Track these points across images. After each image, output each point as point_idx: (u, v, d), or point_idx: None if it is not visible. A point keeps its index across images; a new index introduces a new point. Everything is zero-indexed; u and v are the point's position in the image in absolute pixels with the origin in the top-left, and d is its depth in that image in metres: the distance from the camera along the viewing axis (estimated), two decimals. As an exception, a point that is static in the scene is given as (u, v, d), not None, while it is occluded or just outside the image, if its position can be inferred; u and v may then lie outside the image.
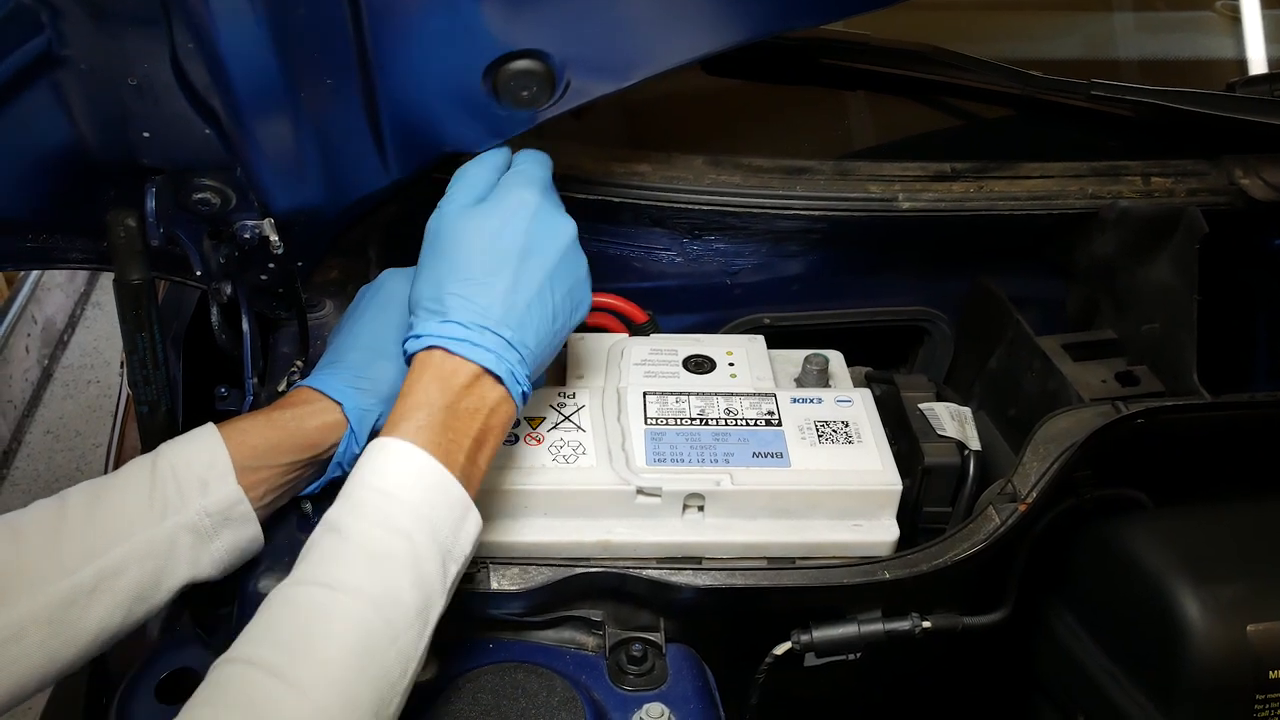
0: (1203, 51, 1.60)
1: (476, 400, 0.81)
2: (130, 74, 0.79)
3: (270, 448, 0.85)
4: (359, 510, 0.74)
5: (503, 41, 0.85)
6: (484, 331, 0.81)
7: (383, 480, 0.75)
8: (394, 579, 0.71)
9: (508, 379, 0.81)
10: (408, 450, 0.76)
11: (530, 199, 0.87)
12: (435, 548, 0.74)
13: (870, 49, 1.33)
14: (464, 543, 0.77)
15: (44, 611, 0.75)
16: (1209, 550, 0.97)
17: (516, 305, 0.83)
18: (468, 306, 0.81)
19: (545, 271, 0.85)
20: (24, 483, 2.80)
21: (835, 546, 0.96)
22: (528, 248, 0.85)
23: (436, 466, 0.76)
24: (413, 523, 0.74)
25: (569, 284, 0.87)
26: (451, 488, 0.77)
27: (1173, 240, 1.17)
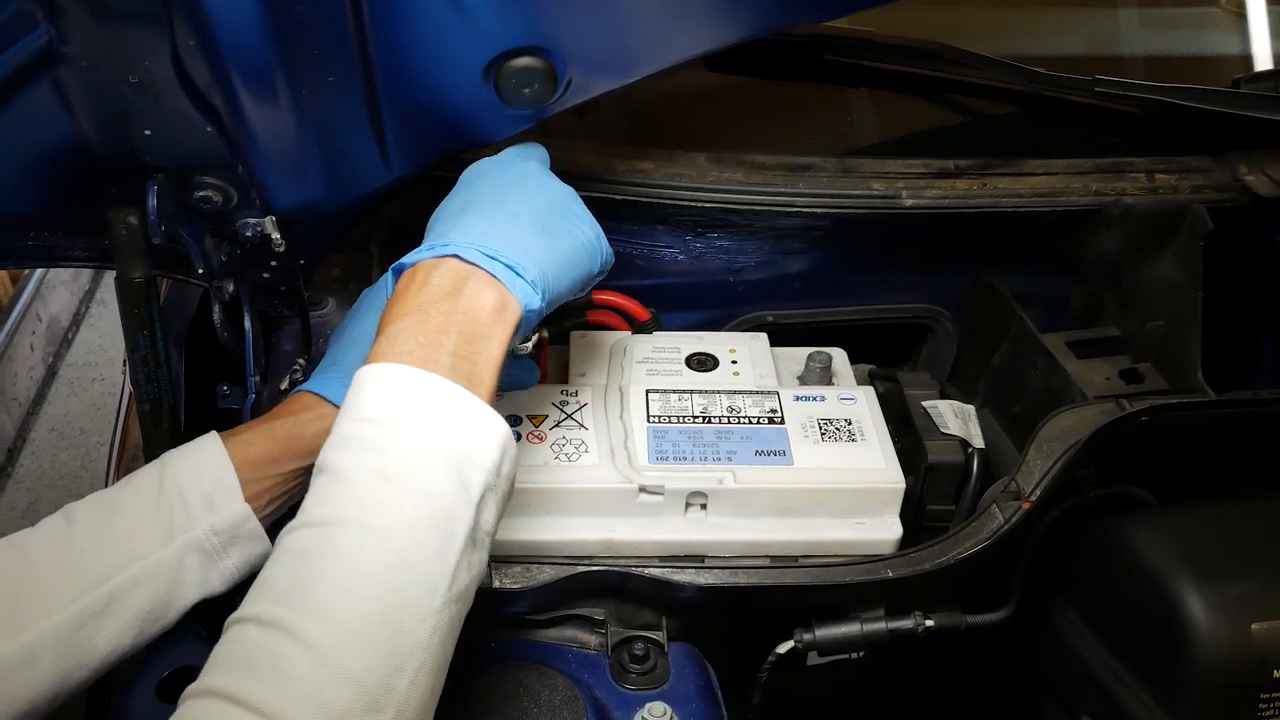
0: (1207, 48, 1.59)
1: (443, 291, 0.74)
2: (131, 71, 0.79)
3: (272, 458, 0.84)
4: (345, 443, 0.69)
5: (504, 38, 0.85)
6: (442, 238, 0.77)
7: (362, 408, 0.70)
8: (389, 500, 0.66)
9: (471, 255, 0.75)
10: (381, 369, 0.71)
11: (504, 158, 0.89)
12: (444, 460, 0.68)
13: (873, 46, 1.32)
14: (485, 446, 0.70)
15: (54, 636, 0.74)
16: (1213, 548, 0.97)
17: (483, 214, 0.80)
18: (439, 230, 0.80)
19: (509, 187, 0.84)
20: (28, 480, 2.80)
21: (838, 545, 0.96)
22: (485, 181, 0.85)
23: (417, 373, 0.70)
24: (404, 437, 0.68)
25: (540, 195, 0.85)
26: (445, 389, 0.70)
27: (1177, 237, 1.16)
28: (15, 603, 0.74)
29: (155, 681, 0.81)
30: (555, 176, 0.89)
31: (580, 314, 1.15)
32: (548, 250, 0.81)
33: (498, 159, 0.90)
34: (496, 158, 0.90)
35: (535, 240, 0.80)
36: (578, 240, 0.84)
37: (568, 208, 0.86)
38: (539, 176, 0.87)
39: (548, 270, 0.79)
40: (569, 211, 0.85)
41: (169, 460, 0.83)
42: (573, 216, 0.85)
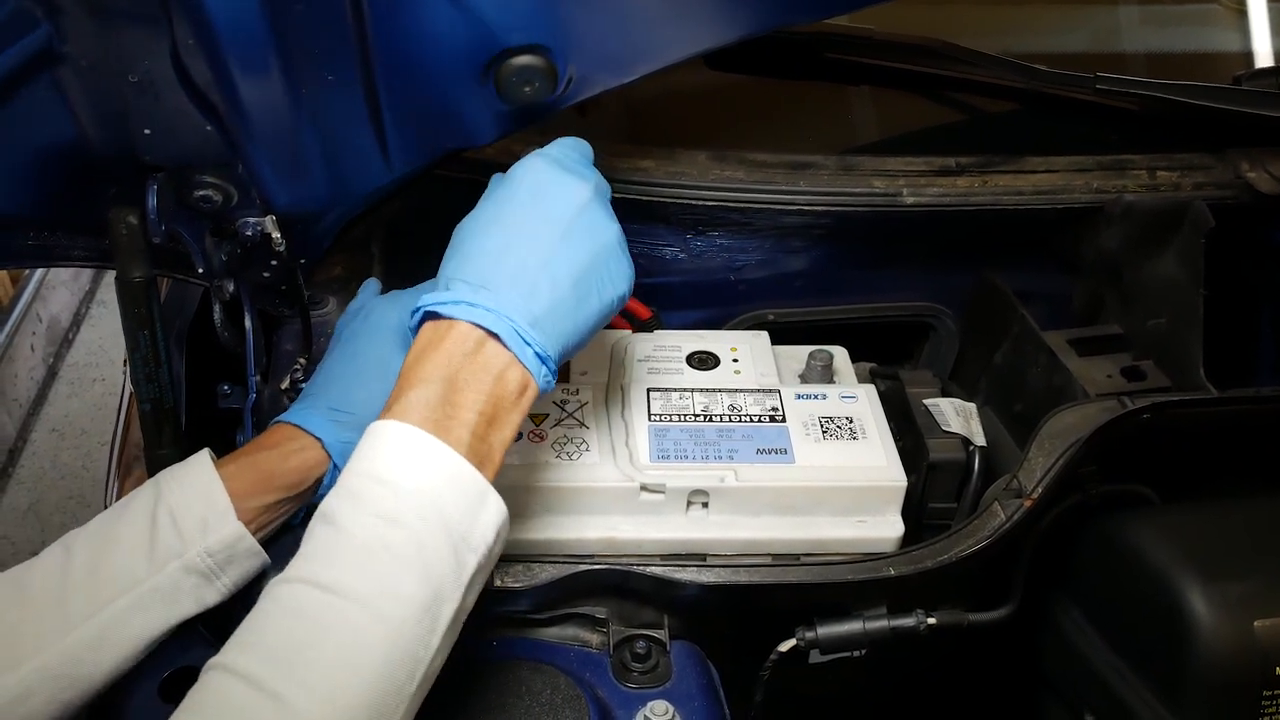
0: (1209, 45, 1.59)
1: (480, 369, 0.73)
2: (131, 70, 0.79)
3: (253, 491, 0.84)
4: (354, 499, 0.69)
5: (504, 36, 0.85)
6: (481, 290, 0.75)
7: (375, 465, 0.69)
8: (392, 575, 0.66)
9: (510, 339, 0.74)
10: (402, 430, 0.70)
11: (534, 166, 0.82)
12: (445, 537, 0.68)
13: (874, 43, 1.32)
14: (484, 530, 0.70)
15: (51, 669, 0.75)
16: (1216, 546, 0.96)
17: (523, 270, 0.76)
18: (468, 273, 0.76)
19: (551, 234, 0.78)
20: (29, 481, 2.80)
21: (840, 543, 0.96)
22: (529, 212, 0.79)
23: (437, 445, 0.70)
24: (414, 509, 0.68)
25: (585, 248, 0.79)
26: (460, 468, 0.70)
27: (1179, 235, 1.16)
28: (11, 641, 0.75)
29: (157, 682, 0.80)
30: (609, 211, 0.83)
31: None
32: (577, 323, 0.79)
33: (557, 175, 0.82)
34: (555, 171, 0.82)
35: (569, 313, 0.78)
36: (607, 304, 0.81)
37: (610, 260, 0.81)
38: (594, 216, 0.81)
39: (569, 347, 0.79)
40: (610, 266, 0.81)
41: (162, 483, 0.83)
42: (613, 273, 0.82)
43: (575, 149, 0.87)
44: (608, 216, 0.82)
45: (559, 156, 0.84)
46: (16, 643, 0.74)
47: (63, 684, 0.75)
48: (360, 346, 0.94)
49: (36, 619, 0.76)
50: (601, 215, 0.82)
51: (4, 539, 2.61)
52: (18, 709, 0.73)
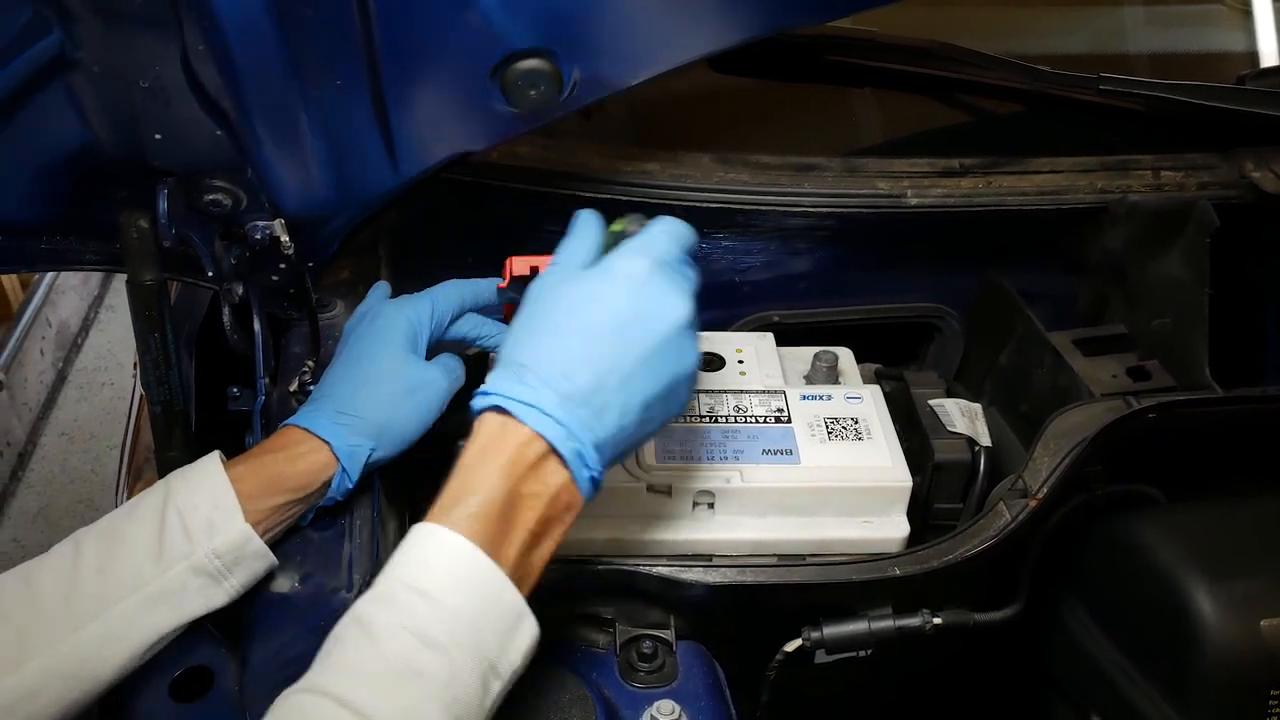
0: (1214, 45, 1.59)
1: (539, 485, 0.72)
2: (142, 76, 0.79)
3: (261, 493, 0.84)
4: (392, 610, 0.66)
5: (510, 40, 0.85)
6: (556, 402, 0.72)
7: (421, 578, 0.67)
8: (421, 702, 0.63)
9: (574, 463, 0.72)
10: (455, 544, 0.68)
11: (638, 270, 0.77)
12: (476, 664, 0.66)
13: (878, 45, 1.32)
14: (513, 656, 0.69)
15: (58, 668, 0.75)
16: (1222, 545, 0.97)
17: (601, 388, 0.73)
18: (548, 376, 0.73)
19: (638, 354, 0.75)
20: (39, 485, 2.81)
21: (845, 543, 0.96)
22: (623, 323, 0.75)
23: (488, 565, 0.68)
24: (452, 634, 0.65)
25: (665, 375, 0.76)
26: (504, 591, 0.68)
27: (1183, 234, 1.16)
28: (18, 636, 0.75)
29: (167, 682, 0.81)
30: (695, 334, 0.79)
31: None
32: (631, 445, 0.78)
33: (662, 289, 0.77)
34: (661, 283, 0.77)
35: (628, 437, 0.76)
36: (661, 426, 0.80)
37: (681, 389, 0.79)
38: (683, 342, 0.78)
39: (618, 457, 0.77)
40: (679, 394, 0.79)
41: (171, 484, 0.83)
42: (680, 399, 0.79)
43: (682, 241, 0.82)
44: (693, 341, 0.79)
45: (668, 258, 0.79)
46: (24, 641, 0.75)
47: (69, 683, 0.76)
48: (368, 350, 0.94)
49: (45, 617, 0.76)
50: (689, 342, 0.78)
51: (14, 542, 2.62)
52: (24, 707, 0.74)
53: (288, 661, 0.80)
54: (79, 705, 0.77)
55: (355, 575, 0.87)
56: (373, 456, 0.89)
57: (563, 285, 0.78)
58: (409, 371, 0.93)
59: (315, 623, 0.83)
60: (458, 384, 0.99)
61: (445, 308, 0.99)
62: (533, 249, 1.04)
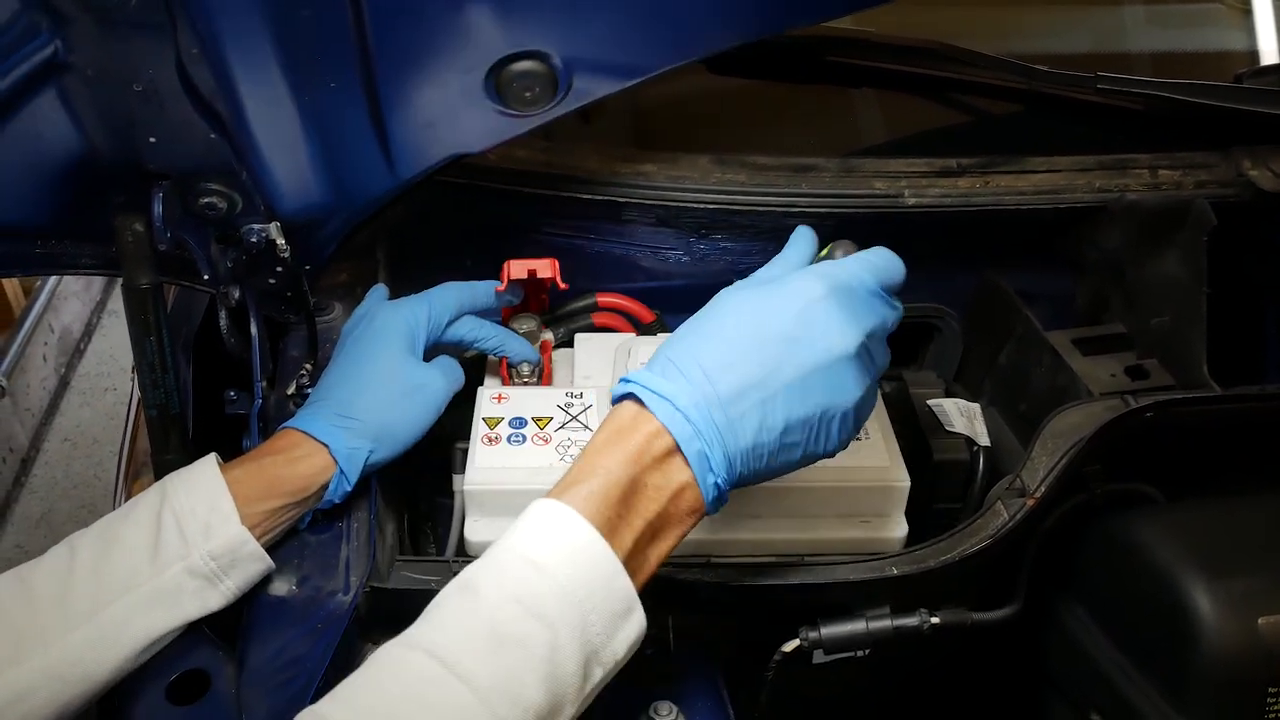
0: (1213, 44, 1.59)
1: (662, 478, 0.70)
2: (136, 80, 0.80)
3: (259, 495, 0.84)
4: (502, 575, 0.65)
5: (504, 43, 0.86)
6: (694, 404, 0.70)
7: (535, 548, 0.66)
8: (520, 672, 0.62)
9: (698, 465, 0.70)
10: (572, 519, 0.66)
11: (812, 290, 0.73)
12: (580, 644, 0.64)
13: (875, 45, 1.32)
14: (618, 646, 0.67)
15: (52, 669, 0.75)
16: (1220, 544, 0.96)
17: (743, 396, 0.71)
18: (692, 374, 0.71)
19: (790, 373, 0.71)
20: (42, 490, 2.82)
21: (844, 544, 0.96)
22: (780, 338, 0.72)
23: (603, 547, 0.66)
24: (560, 609, 0.64)
25: (817, 403, 0.72)
26: (616, 576, 0.66)
27: (1181, 233, 1.16)
28: (12, 637, 0.75)
29: (164, 685, 0.81)
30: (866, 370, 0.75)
31: (585, 317, 1.16)
32: (767, 470, 0.74)
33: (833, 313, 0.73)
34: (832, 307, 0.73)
35: (764, 459, 0.73)
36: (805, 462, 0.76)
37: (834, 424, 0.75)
38: (845, 372, 0.73)
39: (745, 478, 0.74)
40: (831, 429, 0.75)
41: (168, 485, 0.84)
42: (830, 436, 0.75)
43: (880, 274, 0.77)
44: (860, 377, 0.74)
45: (854, 286, 0.75)
46: (18, 640, 0.75)
47: (63, 683, 0.76)
48: (366, 352, 0.95)
49: (40, 617, 0.76)
50: (852, 375, 0.74)
51: (17, 548, 2.63)
52: (18, 707, 0.74)
53: (285, 664, 0.80)
54: (74, 707, 0.77)
55: (352, 578, 0.87)
56: (371, 459, 0.89)
57: (737, 293, 0.76)
58: (407, 373, 0.94)
59: (312, 625, 0.83)
60: (456, 386, 0.99)
61: (443, 310, 0.99)
62: (531, 252, 1.05)
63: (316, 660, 0.80)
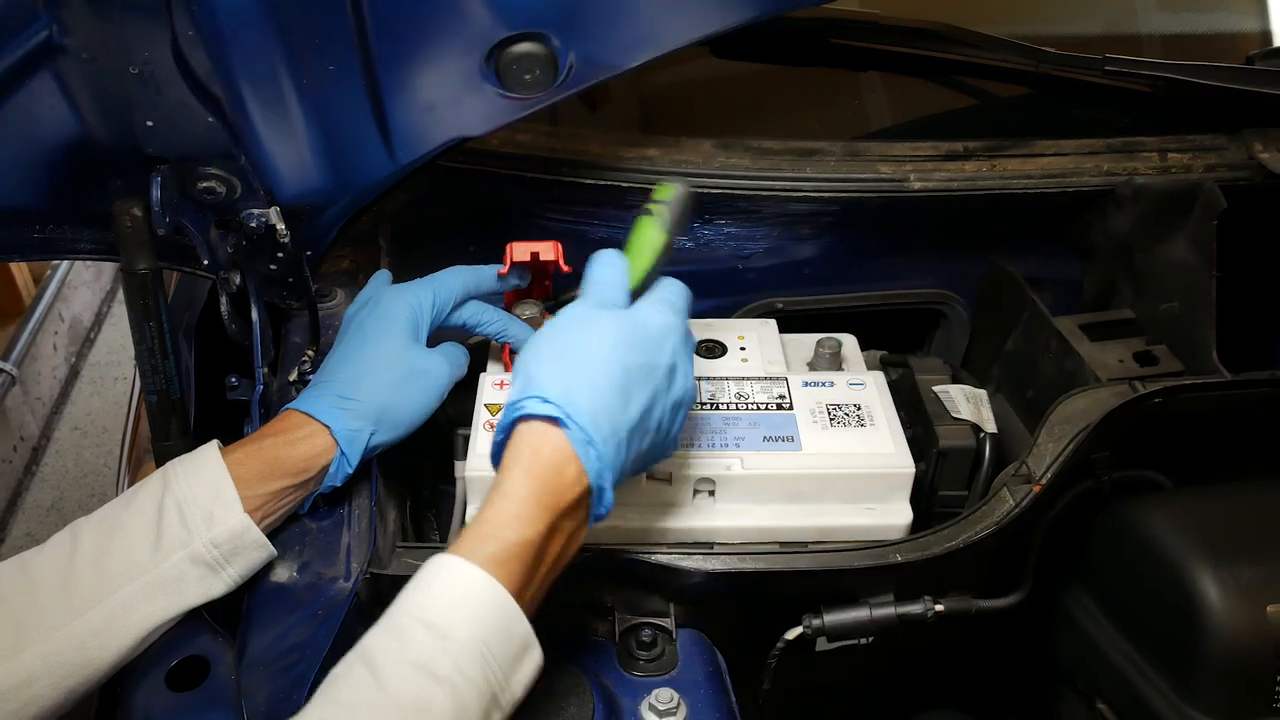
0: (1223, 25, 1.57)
1: (573, 523, 0.74)
2: (132, 62, 0.79)
3: (260, 477, 0.85)
4: (400, 645, 0.66)
5: (503, 24, 0.85)
6: (604, 439, 0.74)
7: (435, 614, 0.67)
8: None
9: (597, 501, 0.75)
10: (476, 581, 0.68)
11: (675, 333, 0.82)
12: (481, 696, 0.66)
13: (880, 28, 1.31)
14: (517, 686, 0.69)
15: (53, 656, 0.76)
16: (1228, 531, 0.95)
17: (633, 437, 0.77)
18: (599, 408, 0.75)
19: (662, 410, 0.80)
20: (53, 479, 2.83)
21: (848, 530, 0.95)
22: (659, 380, 0.80)
23: (506, 602, 0.68)
24: (459, 669, 0.65)
25: (674, 428, 0.83)
26: (516, 625, 0.69)
27: (1190, 217, 1.15)
28: (15, 624, 0.76)
29: (165, 671, 0.81)
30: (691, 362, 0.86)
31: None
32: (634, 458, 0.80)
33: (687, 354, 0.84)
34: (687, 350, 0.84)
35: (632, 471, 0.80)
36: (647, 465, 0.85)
37: (668, 447, 0.85)
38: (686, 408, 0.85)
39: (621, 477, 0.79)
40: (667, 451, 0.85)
41: (170, 473, 0.84)
42: (665, 447, 0.85)
43: (687, 298, 0.88)
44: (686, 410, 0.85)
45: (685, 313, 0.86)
46: (22, 628, 0.75)
47: (66, 670, 0.76)
48: (370, 336, 0.94)
49: (42, 605, 0.76)
50: (691, 400, 0.85)
51: (28, 536, 2.64)
52: (22, 694, 0.74)
53: (285, 651, 0.80)
54: (76, 693, 0.78)
55: (353, 564, 0.87)
56: (372, 441, 0.89)
57: (614, 321, 0.80)
58: (410, 358, 0.93)
59: (312, 612, 0.83)
60: (460, 372, 0.99)
61: (447, 295, 0.99)
62: (534, 236, 1.04)
63: (317, 647, 0.80)
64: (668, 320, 0.83)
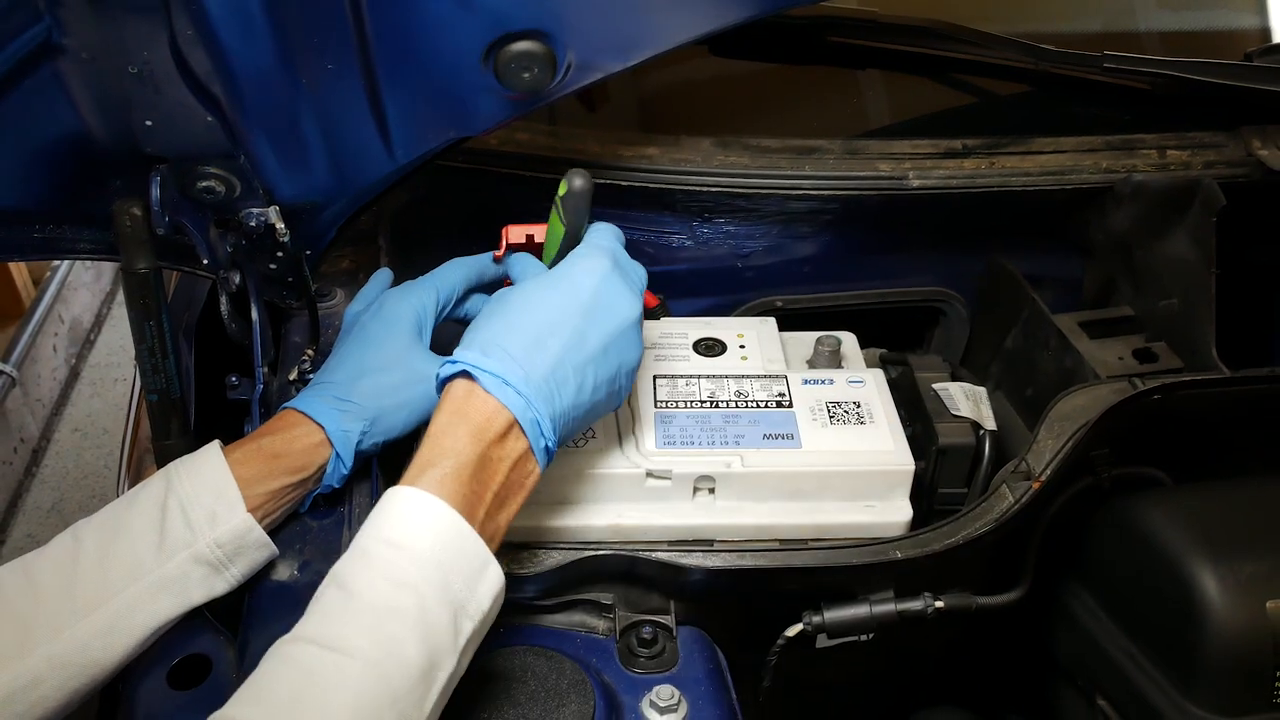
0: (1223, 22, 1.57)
1: (505, 451, 0.78)
2: (131, 62, 0.79)
3: (261, 476, 0.85)
4: (366, 562, 0.71)
5: (502, 22, 0.85)
6: (523, 378, 0.78)
7: (392, 531, 0.72)
8: (397, 637, 0.68)
9: (532, 433, 0.78)
10: (423, 500, 0.73)
11: (601, 267, 0.85)
12: (446, 601, 0.71)
13: (879, 26, 1.31)
14: (482, 598, 0.73)
15: (59, 657, 0.76)
16: (1228, 527, 0.96)
17: (560, 366, 0.81)
18: (515, 352, 0.79)
19: (596, 341, 0.83)
20: (53, 480, 2.83)
21: (848, 528, 0.96)
22: (586, 312, 0.83)
23: (454, 517, 0.73)
24: (421, 574, 0.70)
25: (615, 363, 0.85)
26: (468, 539, 0.73)
27: (1189, 214, 1.15)
28: (20, 627, 0.76)
29: (166, 670, 0.81)
30: (641, 329, 0.88)
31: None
32: (584, 422, 0.85)
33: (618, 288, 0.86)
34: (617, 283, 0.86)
35: (583, 415, 0.83)
36: (610, 407, 0.88)
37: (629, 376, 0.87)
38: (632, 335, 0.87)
39: (566, 436, 0.83)
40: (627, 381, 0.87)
41: (172, 473, 0.84)
42: (620, 391, 0.87)
43: (623, 242, 0.91)
44: (640, 337, 0.88)
45: (621, 259, 0.88)
46: (27, 630, 0.75)
47: (72, 671, 0.76)
48: (372, 339, 0.94)
49: (46, 607, 0.76)
50: (637, 337, 0.88)
51: (29, 537, 2.64)
52: (28, 695, 0.74)
53: (286, 649, 0.80)
54: (82, 694, 0.78)
55: (353, 562, 0.87)
56: (364, 443, 0.89)
57: (528, 282, 0.86)
58: (411, 361, 0.93)
59: (313, 610, 0.83)
60: None
61: (450, 291, 0.99)
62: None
63: (317, 645, 0.80)
64: (597, 263, 0.86)
